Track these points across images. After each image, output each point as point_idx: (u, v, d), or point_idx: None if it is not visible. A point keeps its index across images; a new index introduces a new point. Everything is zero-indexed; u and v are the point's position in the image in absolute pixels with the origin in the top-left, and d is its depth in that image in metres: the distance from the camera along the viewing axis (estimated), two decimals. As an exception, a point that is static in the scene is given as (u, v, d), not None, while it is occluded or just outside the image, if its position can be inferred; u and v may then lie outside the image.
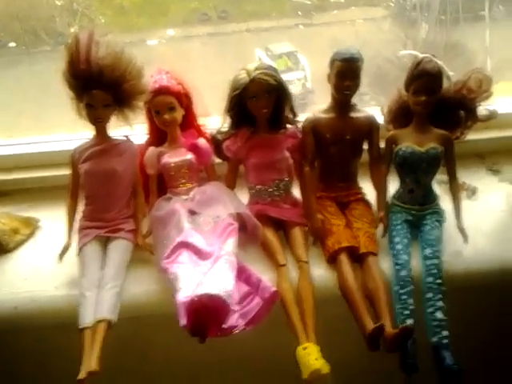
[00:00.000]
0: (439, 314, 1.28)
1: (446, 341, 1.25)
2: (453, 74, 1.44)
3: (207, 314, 1.15)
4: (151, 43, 2.28)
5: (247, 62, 1.44)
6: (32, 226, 1.63)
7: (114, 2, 2.31)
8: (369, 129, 1.50)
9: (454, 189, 1.47)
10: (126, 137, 1.48)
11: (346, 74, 1.40)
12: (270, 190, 1.48)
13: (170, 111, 1.45)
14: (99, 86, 1.33)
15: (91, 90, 1.33)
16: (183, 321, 1.15)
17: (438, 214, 1.46)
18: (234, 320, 1.22)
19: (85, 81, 1.33)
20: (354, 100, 1.49)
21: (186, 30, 2.36)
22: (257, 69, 1.40)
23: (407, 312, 1.28)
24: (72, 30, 2.12)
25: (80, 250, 1.38)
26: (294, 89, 2.05)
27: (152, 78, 1.46)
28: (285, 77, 1.49)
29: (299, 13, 2.38)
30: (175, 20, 2.33)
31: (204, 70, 1.48)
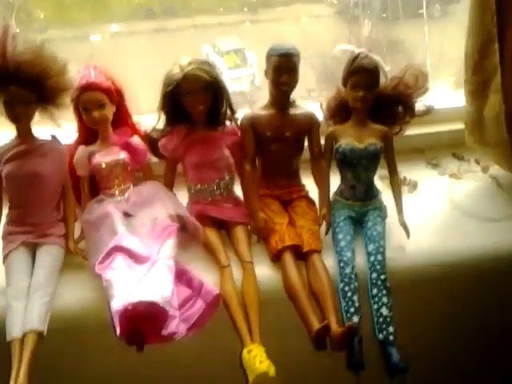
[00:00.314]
0: (385, 311, 1.27)
1: (391, 337, 1.24)
2: (389, 70, 1.45)
3: (143, 321, 1.08)
4: (94, 39, 2.18)
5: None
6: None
7: None
8: (309, 126, 1.48)
9: (395, 184, 1.47)
10: (53, 136, 1.38)
11: (282, 68, 1.37)
12: (211, 189, 1.43)
13: (100, 108, 1.37)
14: (17, 82, 1.25)
15: (8, 86, 1.24)
16: (118, 330, 1.08)
17: (380, 209, 1.46)
18: (175, 326, 1.15)
19: (1, 76, 1.24)
20: (302, 96, 1.46)
21: (130, 25, 2.28)
22: (190, 64, 1.35)
23: (353, 309, 1.27)
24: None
25: (5, 257, 1.28)
26: (243, 86, 2.01)
27: (79, 73, 1.37)
28: (233, 74, 1.46)
29: (245, 9, 2.37)
30: (119, 15, 2.24)
31: (149, 67, 1.41)
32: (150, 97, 1.45)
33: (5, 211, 1.36)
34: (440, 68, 2.06)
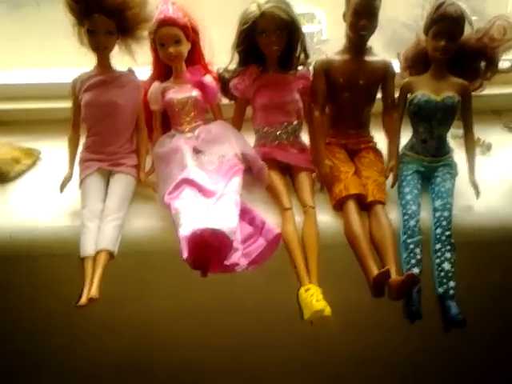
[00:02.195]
0: (447, 265, 1.24)
1: (452, 291, 1.22)
2: (475, 19, 1.37)
3: (209, 248, 1.11)
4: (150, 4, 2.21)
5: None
6: (33, 156, 1.58)
7: None
8: (384, 74, 1.43)
9: (469, 141, 1.41)
10: (130, 69, 1.42)
11: (362, 12, 1.33)
12: (278, 132, 1.43)
13: (176, 44, 1.37)
14: (101, 10, 1.27)
15: (93, 14, 1.27)
16: (185, 253, 1.12)
17: (451, 166, 1.41)
18: (237, 258, 1.18)
19: (85, 4, 1.27)
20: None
21: None
22: (268, 1, 1.33)
23: (414, 261, 1.25)
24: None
25: (82, 181, 1.34)
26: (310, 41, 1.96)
27: (157, 8, 1.38)
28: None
29: None
30: None
31: (219, 29, 1.42)
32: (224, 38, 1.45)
33: (82, 139, 1.42)
34: None
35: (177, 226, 1.18)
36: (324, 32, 2.31)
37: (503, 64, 1.45)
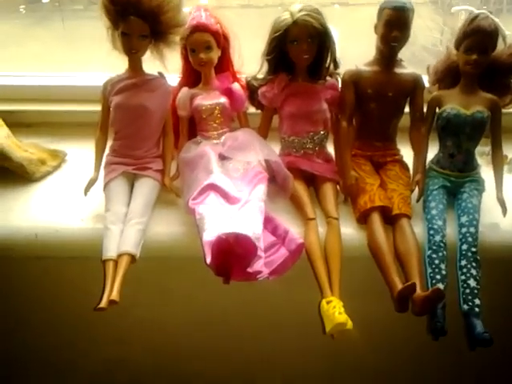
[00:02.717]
0: (472, 282, 1.22)
1: (477, 309, 1.20)
2: (509, 34, 1.36)
3: (233, 253, 1.11)
4: (184, 10, 2.25)
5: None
6: (59, 158, 1.60)
7: None
8: (413, 87, 1.42)
9: (497, 158, 1.39)
10: (160, 73, 1.43)
11: (394, 23, 1.32)
12: (304, 141, 1.43)
13: (207, 50, 1.39)
14: (136, 13, 1.29)
15: (128, 16, 1.29)
16: (208, 258, 1.12)
17: (478, 182, 1.39)
18: (259, 266, 1.17)
19: (122, 6, 1.28)
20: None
21: (219, 0, 2.30)
22: (301, 10, 1.33)
23: (439, 276, 1.23)
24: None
25: (106, 184, 1.35)
26: None
27: (190, 14, 1.40)
28: None
29: None
30: None
31: (236, 42, 1.44)
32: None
33: (109, 143, 1.43)
34: None
35: (201, 231, 1.19)
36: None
37: (535, 81, 1.43)
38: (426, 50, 1.44)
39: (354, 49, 1.39)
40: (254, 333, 1.53)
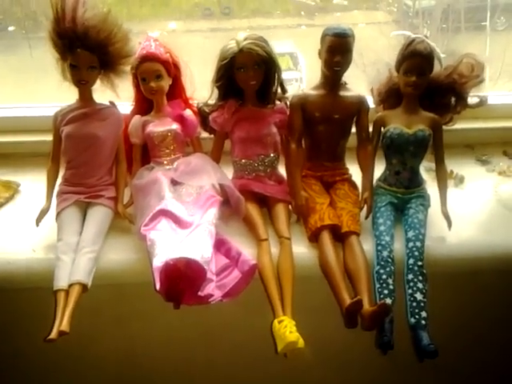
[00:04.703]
0: (419, 296, 1.26)
1: (424, 322, 1.23)
2: (444, 57, 1.43)
3: (183, 278, 1.12)
4: (152, 35, 2.28)
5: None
6: (12, 189, 1.60)
7: None
8: (358, 109, 1.48)
9: (441, 173, 1.45)
10: (111, 102, 1.45)
11: (336, 49, 1.38)
12: (255, 164, 1.46)
13: (157, 79, 1.42)
14: (84, 46, 1.31)
15: (76, 49, 1.31)
16: (157, 285, 1.13)
17: (424, 198, 1.44)
18: (211, 289, 1.19)
19: (69, 40, 1.30)
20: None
21: (188, 23, 2.34)
22: (246, 39, 1.38)
23: (386, 291, 1.26)
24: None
25: (58, 214, 1.36)
26: (291, 89, 2.05)
27: (140, 44, 1.43)
28: (284, 75, 1.48)
29: (302, 13, 2.38)
30: (178, 13, 2.32)
31: (205, 65, 1.47)
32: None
33: (61, 172, 1.43)
34: (499, 83, 2.02)
35: (151, 257, 1.20)
36: (303, 80, 2.38)
37: (472, 99, 1.50)
38: (390, 66, 1.51)
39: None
40: (214, 354, 1.54)
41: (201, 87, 1.51)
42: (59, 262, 1.25)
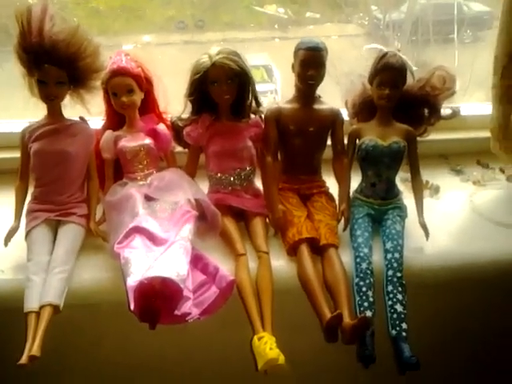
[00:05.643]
0: (399, 307, 1.26)
1: (404, 333, 1.23)
2: (416, 70, 1.45)
3: (158, 297, 1.09)
4: (127, 48, 2.26)
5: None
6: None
7: (89, 5, 2.27)
8: (333, 122, 1.48)
9: (416, 183, 1.46)
10: (81, 117, 1.42)
11: (309, 62, 1.38)
12: (231, 178, 1.45)
13: (129, 94, 1.39)
14: (52, 61, 1.28)
15: (43, 64, 1.27)
16: (132, 305, 1.09)
17: (400, 209, 1.45)
18: (188, 307, 1.16)
19: (36, 54, 1.27)
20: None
21: (162, 36, 2.34)
22: (219, 53, 1.37)
23: (366, 304, 1.26)
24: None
25: (28, 233, 1.31)
26: (266, 101, 2.06)
27: (111, 59, 1.41)
28: (258, 88, 1.48)
29: (276, 26, 2.41)
30: (152, 26, 2.31)
31: (179, 78, 1.46)
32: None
33: (30, 189, 1.39)
34: (468, 93, 2.06)
35: (125, 276, 1.16)
36: (279, 92, 2.40)
37: (445, 111, 1.53)
38: (364, 77, 1.52)
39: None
40: (193, 372, 1.49)
41: (175, 100, 1.49)
42: (29, 282, 1.21)
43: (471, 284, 1.40)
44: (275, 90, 2.42)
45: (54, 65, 1.28)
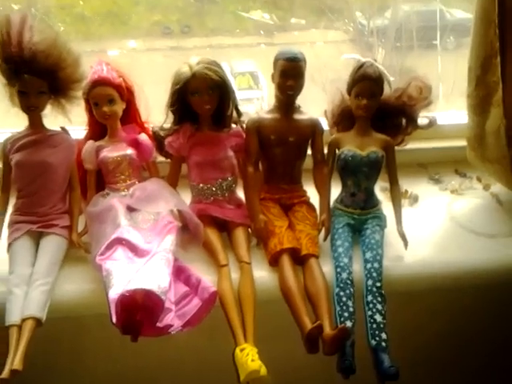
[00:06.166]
0: (378, 317, 1.27)
1: (384, 343, 1.24)
2: (393, 80, 1.47)
3: (140, 310, 1.10)
4: (112, 53, 2.24)
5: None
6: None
7: (74, 10, 2.26)
8: (312, 132, 1.50)
9: (395, 194, 1.48)
10: (63, 128, 1.41)
11: (289, 73, 1.39)
12: (213, 189, 1.45)
13: (110, 104, 1.39)
14: (32, 71, 1.27)
15: (23, 74, 1.27)
16: (113, 317, 1.09)
17: (380, 218, 1.46)
18: (170, 319, 1.17)
19: (16, 65, 1.26)
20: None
21: (147, 42, 2.34)
22: (199, 63, 1.37)
23: (346, 314, 1.27)
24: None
25: (10, 245, 1.30)
26: (253, 107, 2.07)
27: (92, 68, 1.41)
28: (245, 94, 1.48)
29: (261, 32, 2.42)
30: (137, 32, 2.30)
31: (164, 86, 1.46)
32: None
33: (11, 201, 1.38)
34: (451, 99, 2.10)
35: (107, 288, 1.16)
36: (265, 99, 2.41)
37: (422, 120, 1.55)
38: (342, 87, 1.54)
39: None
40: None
41: (161, 107, 1.48)
42: (11, 295, 1.20)
43: (450, 292, 1.43)
44: (262, 97, 2.44)
45: (34, 75, 1.28)
